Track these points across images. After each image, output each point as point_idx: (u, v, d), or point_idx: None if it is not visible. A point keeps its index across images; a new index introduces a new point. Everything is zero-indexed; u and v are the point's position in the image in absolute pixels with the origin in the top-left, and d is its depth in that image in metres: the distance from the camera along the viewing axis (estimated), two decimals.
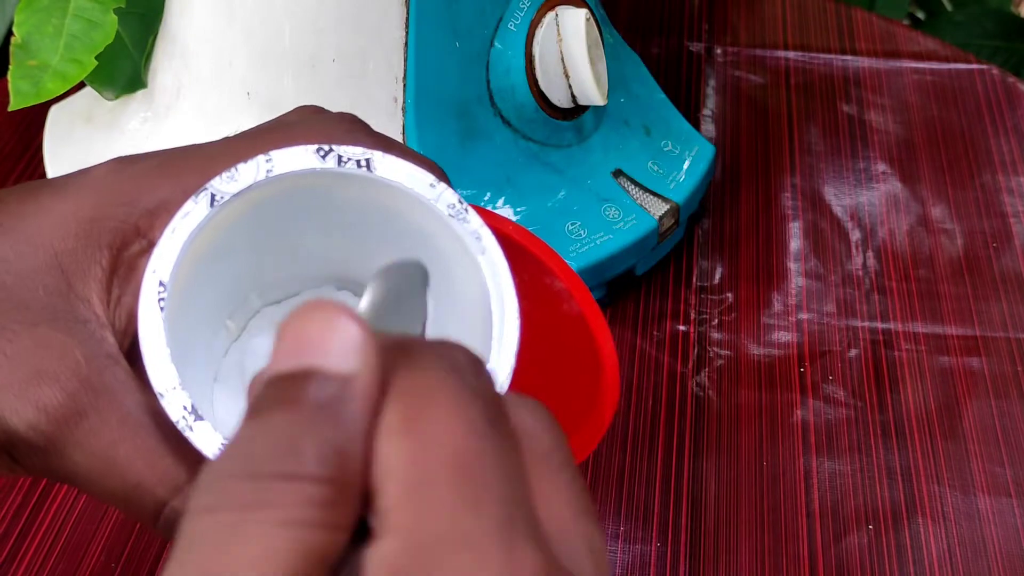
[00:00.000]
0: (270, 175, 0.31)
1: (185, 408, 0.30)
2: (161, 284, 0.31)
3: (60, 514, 0.54)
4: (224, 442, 0.29)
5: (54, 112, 0.70)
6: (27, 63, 0.59)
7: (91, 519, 0.54)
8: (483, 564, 0.21)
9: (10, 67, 0.60)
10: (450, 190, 0.32)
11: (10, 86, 0.59)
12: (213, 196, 0.31)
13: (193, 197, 0.31)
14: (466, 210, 0.32)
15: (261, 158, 0.31)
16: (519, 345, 0.32)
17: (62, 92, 0.60)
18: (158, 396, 0.30)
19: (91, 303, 0.32)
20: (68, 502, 0.54)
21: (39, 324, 0.32)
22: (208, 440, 0.30)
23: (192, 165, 0.34)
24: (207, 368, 0.36)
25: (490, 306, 0.32)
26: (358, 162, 0.32)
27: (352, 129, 0.36)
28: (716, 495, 0.55)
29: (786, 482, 0.56)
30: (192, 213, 0.31)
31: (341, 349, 0.22)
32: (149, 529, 0.32)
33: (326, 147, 0.32)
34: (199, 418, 0.30)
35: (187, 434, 0.30)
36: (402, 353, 0.23)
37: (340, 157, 0.32)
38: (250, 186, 0.31)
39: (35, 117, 0.72)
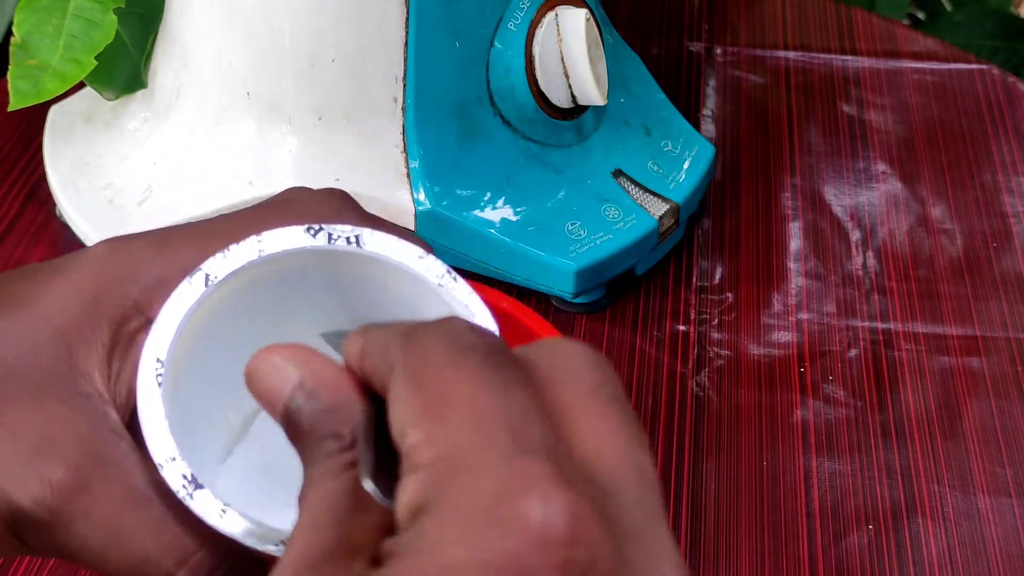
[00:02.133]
0: (262, 255, 0.32)
1: (184, 477, 0.30)
2: (158, 360, 0.31)
3: None
4: (224, 507, 0.30)
5: (54, 112, 0.70)
6: (27, 63, 0.59)
7: None
8: (493, 480, 0.24)
9: (10, 67, 0.60)
10: (438, 261, 0.33)
11: (10, 86, 0.59)
12: (207, 276, 0.32)
13: (188, 277, 0.32)
14: (455, 279, 0.33)
15: (253, 238, 0.32)
16: None
17: (62, 92, 0.60)
18: (158, 467, 0.30)
19: (92, 379, 0.33)
20: None
21: (43, 399, 0.32)
22: (209, 508, 0.30)
23: (187, 243, 0.35)
24: (210, 451, 0.36)
25: None
26: (348, 239, 0.33)
27: (342, 207, 0.37)
28: (716, 495, 0.55)
29: (786, 482, 0.56)
30: (187, 293, 0.32)
31: (278, 377, 0.29)
32: None
33: (316, 226, 0.33)
34: (199, 487, 0.30)
35: (188, 503, 0.30)
36: (402, 336, 0.27)
37: (330, 235, 0.33)
38: (243, 266, 0.32)
39: (35, 117, 0.72)
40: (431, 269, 0.33)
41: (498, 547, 0.23)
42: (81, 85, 0.64)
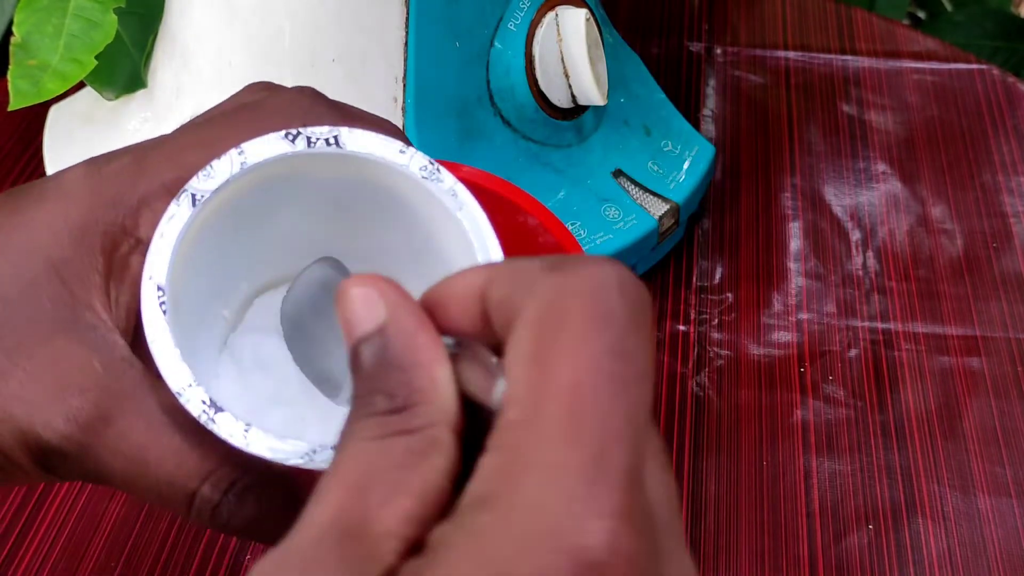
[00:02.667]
0: (244, 167, 0.33)
1: (204, 403, 0.31)
2: (159, 288, 0.32)
3: (60, 514, 0.54)
4: (247, 427, 0.31)
5: (54, 112, 0.70)
6: (27, 63, 0.59)
7: (91, 518, 0.54)
8: (563, 495, 0.23)
9: (10, 67, 0.60)
10: (420, 153, 0.34)
11: (10, 86, 0.59)
12: (194, 196, 0.32)
13: (175, 200, 0.32)
14: (438, 170, 0.33)
15: (233, 152, 0.33)
16: None
17: (62, 92, 0.60)
18: (176, 395, 0.31)
19: (95, 308, 0.33)
20: (68, 502, 0.54)
21: (52, 337, 0.33)
22: (231, 428, 0.31)
23: (166, 157, 0.35)
24: (210, 357, 0.37)
25: (476, 258, 0.33)
26: (327, 140, 0.33)
27: (313, 103, 0.37)
28: (716, 495, 0.55)
29: (786, 482, 0.56)
30: (176, 215, 0.32)
31: (364, 312, 0.27)
32: (182, 518, 0.34)
33: (294, 131, 0.33)
34: (219, 410, 0.31)
35: (210, 427, 0.31)
36: (548, 271, 0.25)
37: (309, 139, 0.33)
38: (227, 180, 0.33)
39: (35, 117, 0.72)
40: (414, 161, 0.33)
41: (545, 569, 0.22)
42: (81, 85, 0.64)
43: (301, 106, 0.36)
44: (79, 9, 0.60)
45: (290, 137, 0.33)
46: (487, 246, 0.33)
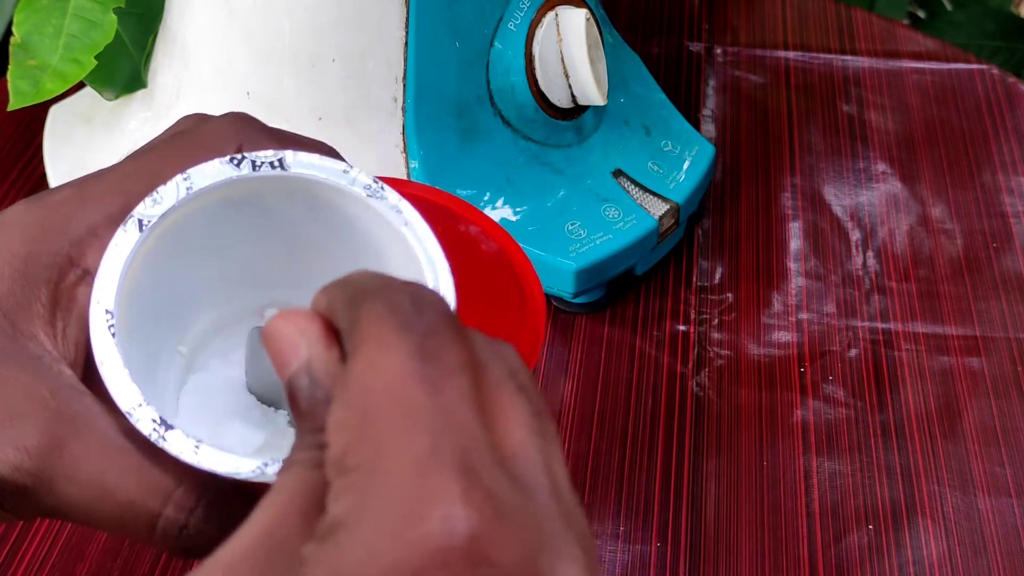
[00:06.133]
0: (191, 192, 0.33)
1: (154, 421, 0.31)
2: (108, 312, 0.32)
3: None
4: (197, 443, 0.31)
5: (54, 112, 0.70)
6: (27, 63, 0.59)
7: None
8: (400, 493, 0.24)
9: (10, 67, 0.60)
10: (363, 172, 0.34)
11: (10, 86, 0.59)
12: (141, 221, 0.32)
13: (122, 226, 0.32)
14: (382, 188, 0.34)
15: (179, 177, 0.33)
16: (456, 301, 0.34)
17: (62, 92, 0.60)
18: (127, 415, 0.31)
19: (39, 339, 0.33)
20: None
21: None
22: (183, 446, 0.31)
23: (109, 187, 0.34)
24: (166, 390, 0.37)
25: (423, 270, 0.34)
26: (271, 163, 0.33)
27: (248, 128, 0.37)
28: (716, 495, 0.55)
29: (786, 482, 0.56)
30: (124, 241, 0.32)
31: (290, 349, 0.29)
32: (147, 544, 0.33)
33: (238, 156, 0.33)
34: (169, 427, 0.31)
35: (161, 445, 0.31)
36: (349, 306, 0.28)
37: (254, 162, 0.33)
38: (174, 206, 0.33)
39: (35, 117, 0.72)
40: (357, 181, 0.34)
41: (404, 568, 0.23)
42: (81, 85, 0.64)
43: (237, 129, 0.36)
44: (79, 9, 0.60)
45: (235, 162, 0.33)
46: (432, 257, 0.34)
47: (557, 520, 0.25)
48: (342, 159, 0.35)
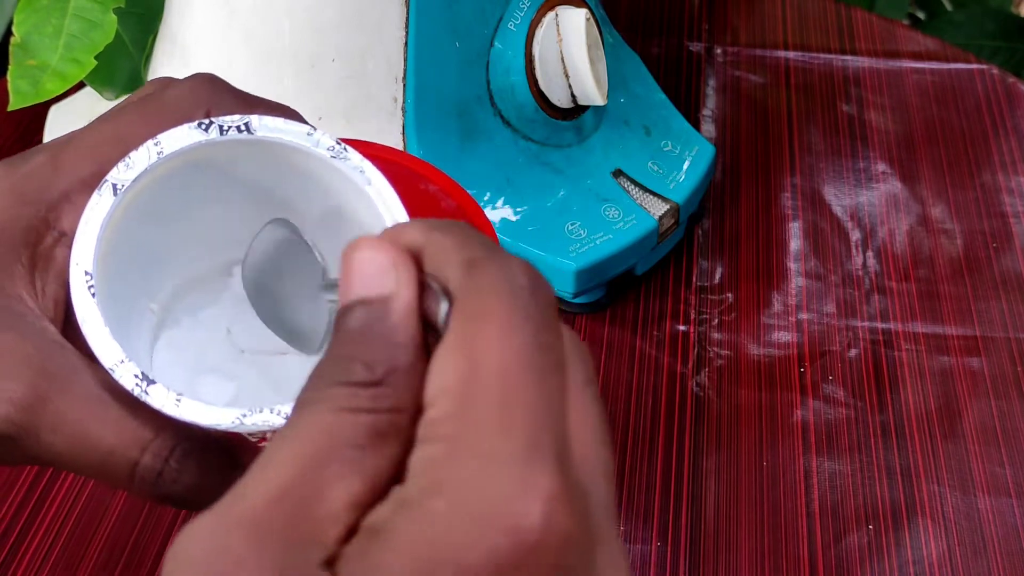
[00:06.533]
0: (161, 157, 0.34)
1: (136, 376, 0.33)
2: (87, 273, 0.33)
3: (61, 512, 0.54)
4: (178, 397, 0.32)
5: (54, 112, 0.70)
6: (27, 63, 0.60)
7: (91, 517, 0.54)
8: (502, 480, 0.24)
9: (10, 67, 0.60)
10: (327, 135, 0.35)
11: (10, 86, 0.59)
12: (115, 186, 0.34)
13: (97, 190, 0.34)
14: (345, 149, 0.35)
15: (150, 143, 0.34)
16: None
17: (62, 92, 0.60)
18: (109, 371, 0.33)
19: (22, 299, 0.34)
20: (69, 501, 0.54)
21: None
22: (164, 399, 0.33)
23: (82, 153, 0.36)
24: (142, 343, 0.39)
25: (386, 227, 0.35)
26: (238, 127, 0.35)
27: (216, 91, 0.38)
28: (716, 495, 0.55)
29: (786, 482, 0.56)
30: (99, 205, 0.34)
31: (376, 277, 0.28)
32: (127, 490, 0.35)
33: (206, 120, 0.35)
34: (152, 382, 0.33)
35: (144, 399, 0.33)
36: (468, 269, 0.27)
37: (221, 127, 0.35)
38: (145, 170, 0.34)
39: (35, 117, 0.72)
40: (321, 143, 0.35)
41: (489, 548, 0.24)
42: (81, 85, 0.64)
43: (206, 92, 0.37)
44: (79, 9, 0.60)
45: (203, 126, 0.35)
46: (395, 214, 0.35)
47: (611, 529, 0.26)
48: (306, 122, 0.36)
